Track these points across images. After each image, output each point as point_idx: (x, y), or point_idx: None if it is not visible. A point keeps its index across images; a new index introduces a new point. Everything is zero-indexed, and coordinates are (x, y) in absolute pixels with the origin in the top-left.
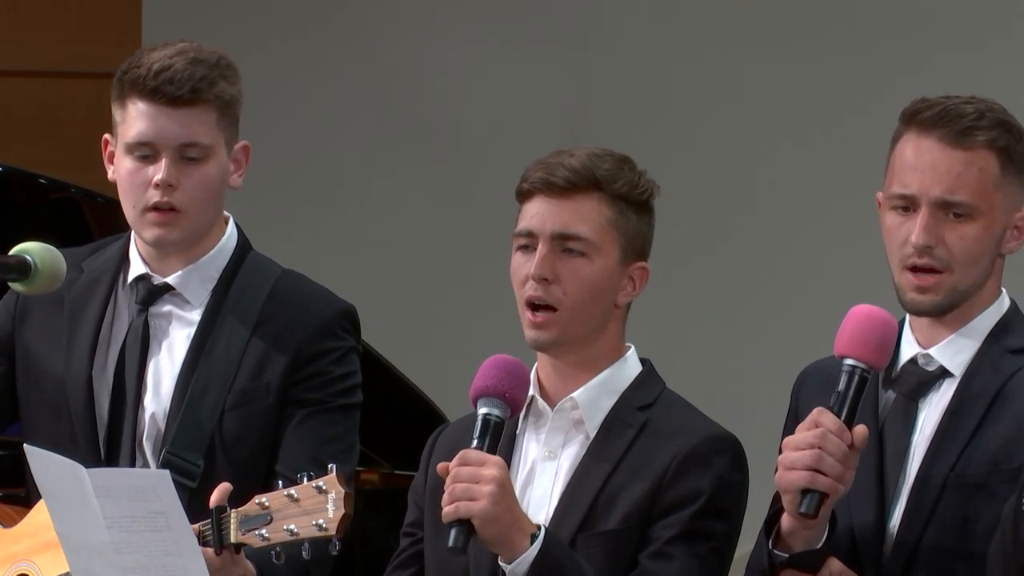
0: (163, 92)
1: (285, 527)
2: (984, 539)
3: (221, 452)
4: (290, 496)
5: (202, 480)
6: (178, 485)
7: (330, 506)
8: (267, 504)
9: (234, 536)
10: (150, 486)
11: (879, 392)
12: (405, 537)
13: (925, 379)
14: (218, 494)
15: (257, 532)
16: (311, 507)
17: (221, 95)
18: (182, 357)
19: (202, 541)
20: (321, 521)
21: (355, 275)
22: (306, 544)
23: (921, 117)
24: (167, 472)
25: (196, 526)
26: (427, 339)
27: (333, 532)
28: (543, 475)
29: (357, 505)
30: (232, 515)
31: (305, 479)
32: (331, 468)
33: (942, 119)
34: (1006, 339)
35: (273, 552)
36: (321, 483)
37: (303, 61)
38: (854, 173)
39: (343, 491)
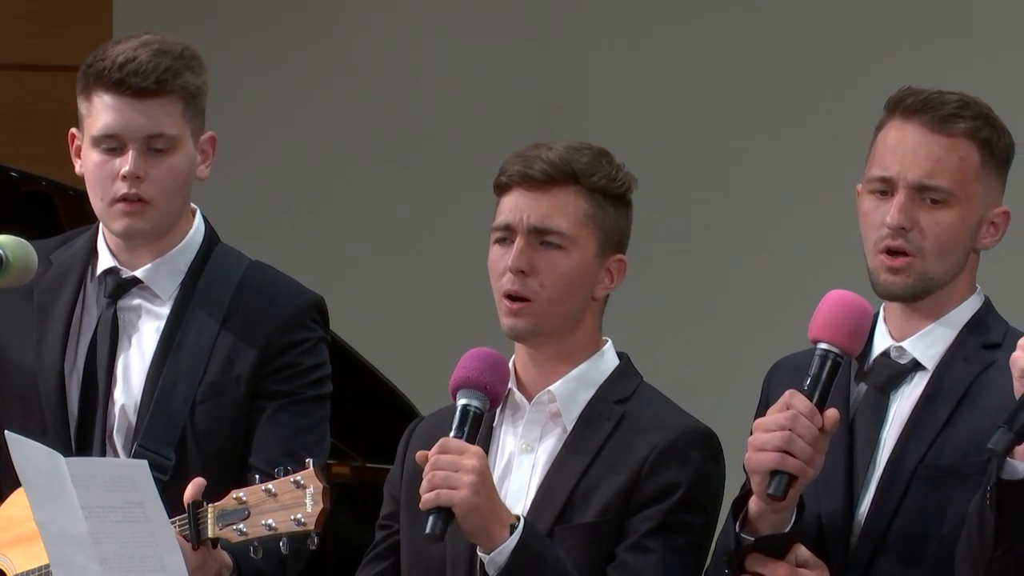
0: (128, 84)
1: (263, 522)
2: (952, 529)
3: (192, 445)
4: (268, 491)
5: (174, 473)
6: None
7: (308, 501)
8: (244, 499)
9: (211, 531)
10: (128, 476)
11: (851, 385)
12: (381, 529)
13: (897, 372)
14: (192, 489)
15: (235, 527)
16: (289, 502)
17: (186, 86)
18: (152, 350)
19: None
20: (300, 516)
21: (326, 269)
22: (284, 539)
23: (905, 104)
24: (145, 463)
25: (173, 520)
26: (398, 333)
27: (312, 527)
28: (520, 468)
29: None
30: (209, 510)
31: (282, 473)
32: (308, 463)
33: (926, 105)
34: (980, 334)
35: (251, 547)
36: (299, 478)
37: (273, 55)
38: (827, 166)
39: (321, 486)
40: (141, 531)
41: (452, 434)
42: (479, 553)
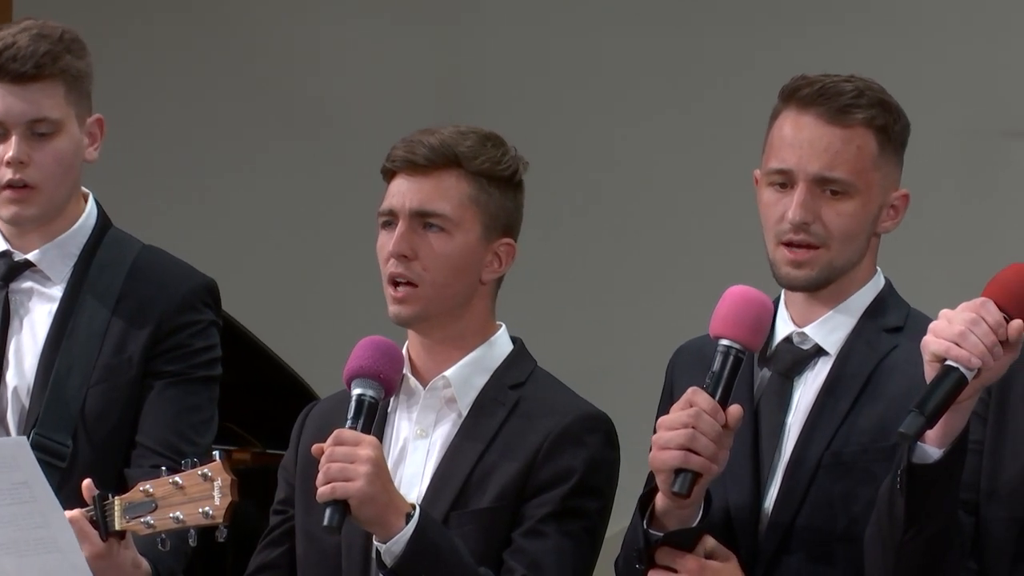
0: (7, 70)
1: (171, 515)
2: (859, 519)
3: (86, 429)
4: (175, 484)
5: (71, 460)
6: (49, 467)
7: (216, 493)
8: (151, 491)
9: (118, 523)
10: (8, 455)
11: (755, 370)
12: (276, 515)
13: (800, 357)
14: (86, 492)
15: (142, 519)
16: (197, 494)
17: (67, 69)
18: (44, 334)
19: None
20: (208, 509)
21: (222, 252)
22: (192, 531)
23: (800, 94)
24: (24, 439)
25: (79, 512)
26: (297, 317)
27: (220, 519)
28: (415, 453)
29: None
30: (116, 502)
31: (189, 466)
32: (216, 455)
33: (821, 96)
34: (881, 318)
35: (159, 539)
36: (207, 470)
37: (171, 36)
38: (724, 148)
39: (229, 478)
40: (31, 512)
41: (347, 425)
42: (375, 543)
